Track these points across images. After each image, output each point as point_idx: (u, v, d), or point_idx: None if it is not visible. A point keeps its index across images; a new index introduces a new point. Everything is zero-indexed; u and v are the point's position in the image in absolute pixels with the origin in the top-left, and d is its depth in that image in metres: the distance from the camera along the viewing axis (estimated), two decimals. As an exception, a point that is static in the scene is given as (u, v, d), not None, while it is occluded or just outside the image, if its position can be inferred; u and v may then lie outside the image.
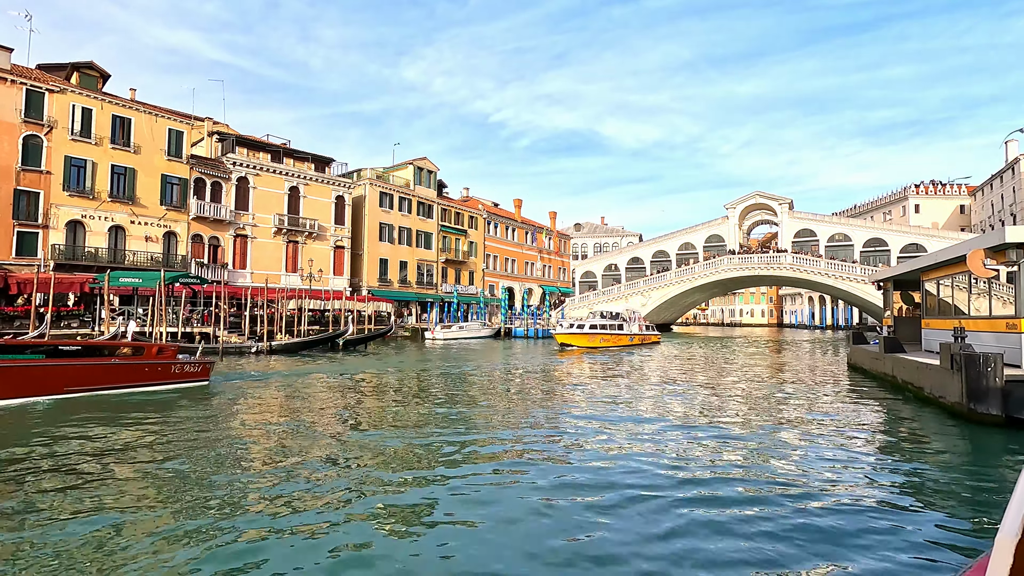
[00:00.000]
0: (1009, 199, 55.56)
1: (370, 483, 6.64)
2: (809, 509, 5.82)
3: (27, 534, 4.92)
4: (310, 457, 7.74)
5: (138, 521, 5.31)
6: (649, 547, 4.90)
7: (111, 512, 5.49)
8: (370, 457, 7.84)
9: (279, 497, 6.05)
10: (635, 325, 38.83)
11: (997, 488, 6.69)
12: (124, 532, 5.03)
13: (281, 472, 7.01)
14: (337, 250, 43.90)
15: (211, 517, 5.39)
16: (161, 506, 5.72)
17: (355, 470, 7.19)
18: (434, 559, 4.69)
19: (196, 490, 6.21)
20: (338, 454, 7.98)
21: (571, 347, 32.22)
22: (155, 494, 6.06)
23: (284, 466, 7.29)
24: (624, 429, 9.95)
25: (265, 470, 7.14)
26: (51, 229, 29.87)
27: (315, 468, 7.19)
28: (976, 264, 11.31)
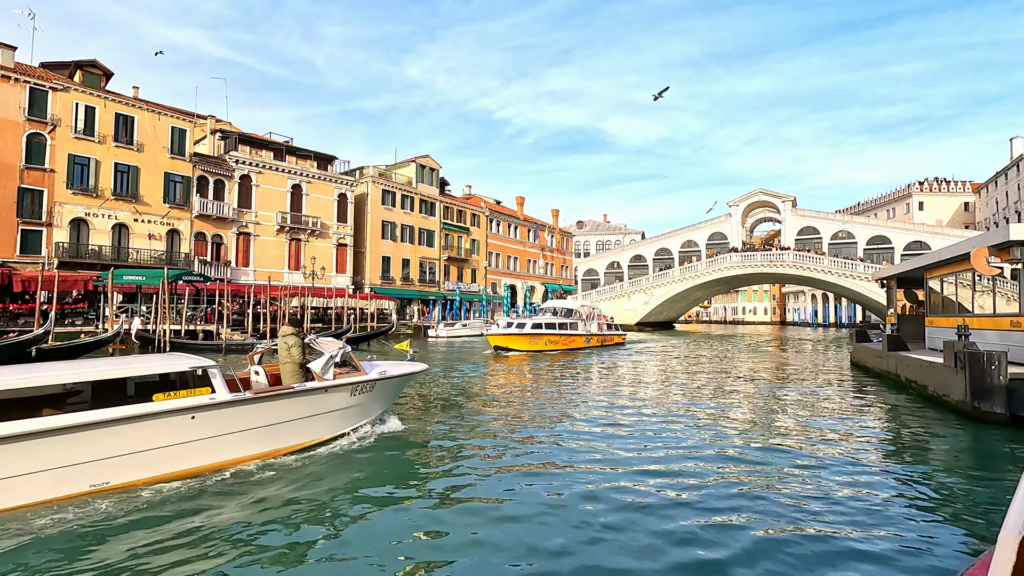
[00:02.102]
0: (1014, 196, 55.30)
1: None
2: (811, 508, 5.81)
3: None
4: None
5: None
6: (648, 547, 4.91)
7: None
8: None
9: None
10: (593, 324, 32.37)
11: (1000, 486, 6.68)
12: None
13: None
14: (340, 248, 43.97)
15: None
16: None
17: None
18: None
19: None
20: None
21: (508, 351, 25.66)
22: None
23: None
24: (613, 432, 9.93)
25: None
26: (55, 227, 29.97)
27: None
28: (980, 262, 11.26)
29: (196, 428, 6.24)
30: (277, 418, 7.01)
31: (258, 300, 32.58)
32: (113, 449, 5.71)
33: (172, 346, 24.36)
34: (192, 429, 6.21)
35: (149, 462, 5.97)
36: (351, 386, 7.84)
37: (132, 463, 5.86)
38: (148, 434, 5.91)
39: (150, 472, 5.98)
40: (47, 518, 5.10)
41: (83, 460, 5.53)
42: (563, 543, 4.88)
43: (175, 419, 6.07)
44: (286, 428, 7.16)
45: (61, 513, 5.22)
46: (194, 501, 5.68)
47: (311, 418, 7.42)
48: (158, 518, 5.25)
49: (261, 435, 6.86)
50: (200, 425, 6.27)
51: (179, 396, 6.18)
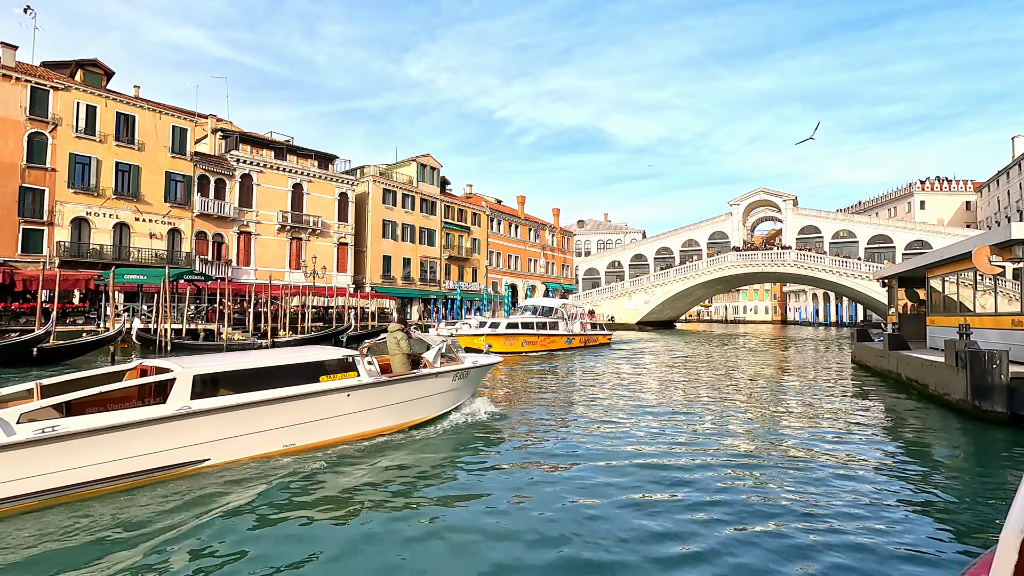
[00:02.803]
0: (1016, 195, 55.23)
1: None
2: (811, 507, 5.81)
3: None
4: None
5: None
6: (646, 547, 4.91)
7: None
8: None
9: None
10: (576, 323, 30.26)
11: (1002, 485, 6.68)
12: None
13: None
14: (340, 247, 43.99)
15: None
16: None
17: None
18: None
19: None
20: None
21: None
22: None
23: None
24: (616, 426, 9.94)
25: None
26: (56, 226, 30.01)
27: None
28: (982, 261, 11.25)
29: (349, 403, 7.75)
30: (404, 397, 8.53)
31: (259, 299, 32.60)
32: (298, 417, 7.20)
33: (173, 346, 24.37)
34: (346, 404, 7.73)
35: (318, 429, 7.44)
36: (454, 372, 9.36)
37: (308, 430, 7.33)
38: (319, 407, 7.41)
39: (317, 438, 7.45)
40: (262, 468, 6.60)
41: (281, 425, 7.06)
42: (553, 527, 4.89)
43: (337, 396, 7.59)
44: (410, 406, 8.66)
45: (269, 465, 6.73)
46: (348, 461, 7.10)
47: (427, 398, 8.94)
48: (326, 474, 6.59)
49: (393, 411, 8.40)
50: (352, 401, 7.79)
51: (336, 378, 7.67)
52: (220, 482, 6.15)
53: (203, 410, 6.36)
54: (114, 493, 5.76)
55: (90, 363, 19.51)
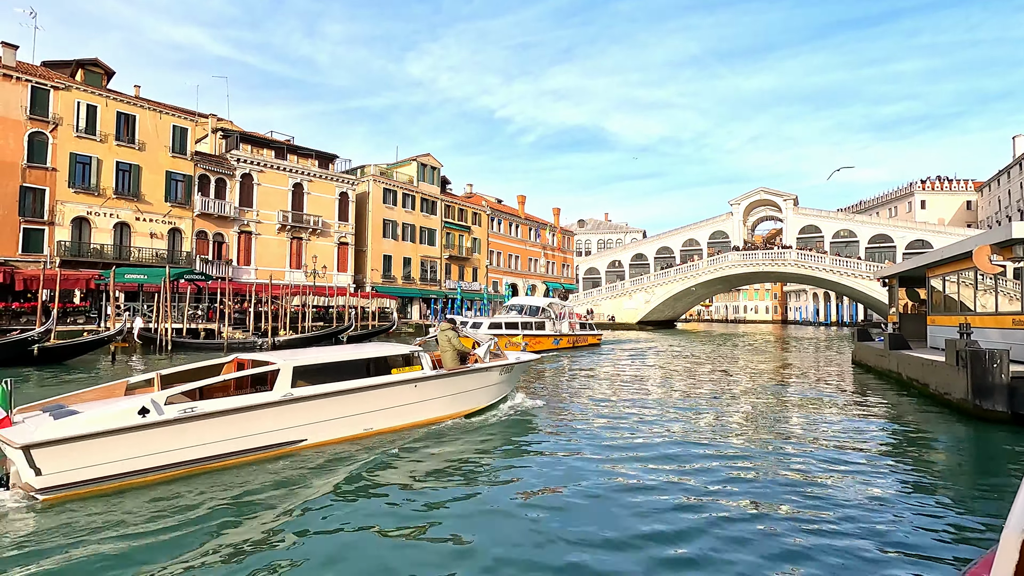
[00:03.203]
0: (1016, 195, 55.19)
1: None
2: (812, 506, 5.81)
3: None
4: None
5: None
6: (646, 546, 4.91)
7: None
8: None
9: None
10: (564, 323, 29.27)
11: (1002, 485, 6.67)
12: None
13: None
14: (341, 246, 44.00)
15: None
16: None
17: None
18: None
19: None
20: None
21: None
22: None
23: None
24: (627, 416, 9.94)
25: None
26: (57, 226, 30.03)
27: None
28: (982, 260, 11.24)
29: (416, 393, 8.67)
30: (460, 388, 9.48)
31: (259, 299, 32.61)
32: (375, 405, 8.11)
33: (174, 345, 24.39)
34: (413, 394, 8.64)
35: (391, 416, 8.36)
36: (501, 367, 10.33)
37: (383, 416, 8.25)
38: (392, 396, 8.35)
39: (390, 423, 8.35)
40: (348, 448, 7.50)
41: (359, 412, 7.93)
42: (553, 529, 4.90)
43: (406, 387, 8.52)
44: (465, 396, 9.62)
45: (353, 446, 7.63)
46: (417, 444, 7.93)
47: (479, 390, 9.95)
48: (400, 455, 7.44)
49: (451, 400, 9.35)
50: (418, 391, 8.70)
51: (404, 371, 8.69)
52: (318, 459, 7.07)
53: (302, 397, 7.26)
54: (235, 467, 6.68)
55: (91, 363, 19.51)
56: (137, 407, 6.07)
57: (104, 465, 5.83)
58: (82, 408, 6.21)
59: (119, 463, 5.91)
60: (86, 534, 4.82)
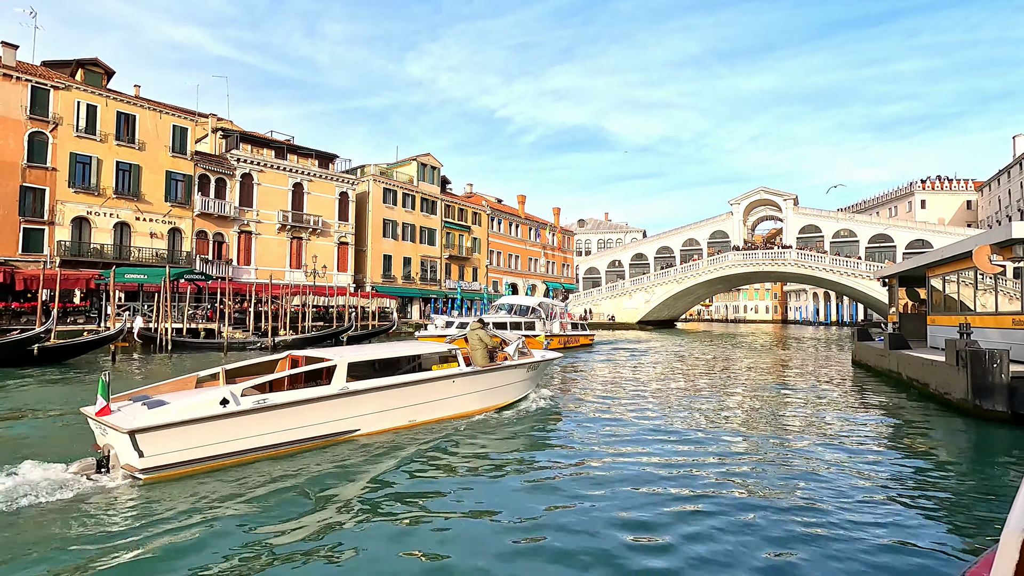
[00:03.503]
0: (1016, 194, 55.18)
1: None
2: (812, 506, 5.81)
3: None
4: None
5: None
6: (645, 546, 4.91)
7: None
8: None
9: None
10: (555, 323, 28.30)
11: (1003, 485, 6.68)
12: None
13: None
14: (341, 246, 44.00)
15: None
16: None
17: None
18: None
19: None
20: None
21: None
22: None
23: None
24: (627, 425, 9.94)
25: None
26: (57, 226, 30.03)
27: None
28: (982, 260, 11.24)
29: (454, 388, 9.37)
30: (493, 384, 10.19)
31: (259, 299, 32.61)
32: (418, 398, 8.80)
33: (174, 345, 24.39)
34: (452, 388, 9.34)
35: (432, 409, 9.05)
36: (528, 365, 11.00)
37: (425, 409, 8.92)
38: (433, 390, 9.03)
39: (431, 415, 9.03)
40: (396, 438, 8.18)
41: (404, 405, 8.60)
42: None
43: (445, 382, 9.22)
44: (497, 391, 10.33)
45: (399, 436, 8.29)
46: (456, 435, 8.62)
47: (509, 385, 10.64)
48: (442, 444, 8.08)
49: (485, 395, 10.07)
50: (456, 386, 9.41)
51: (443, 368, 9.39)
52: (371, 447, 7.72)
53: (356, 390, 7.92)
54: (299, 453, 7.32)
55: (91, 363, 19.51)
56: (219, 398, 6.74)
57: (192, 449, 6.49)
58: (168, 399, 6.86)
59: (204, 448, 6.57)
60: (181, 508, 5.50)
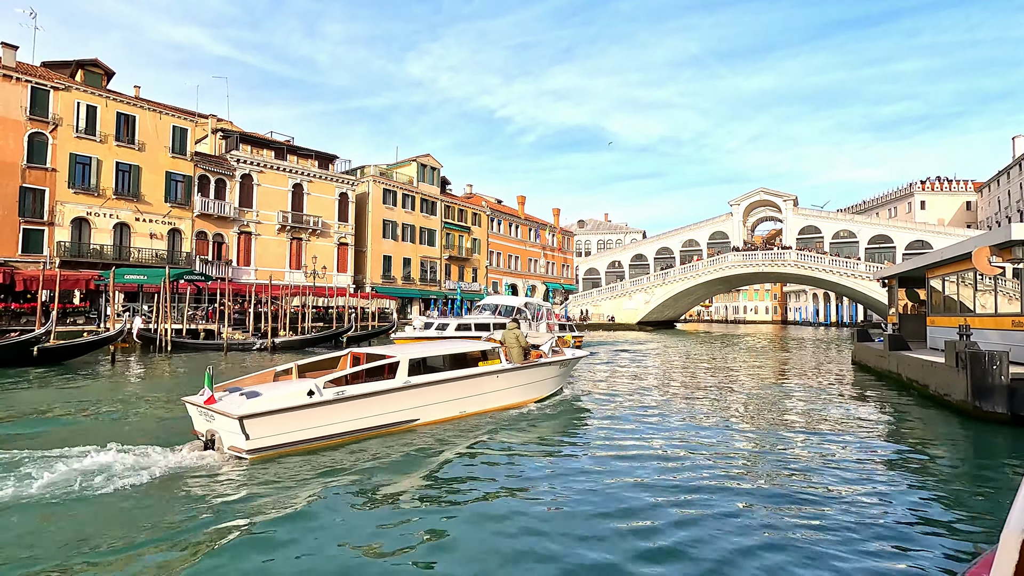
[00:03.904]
0: (1016, 195, 55.21)
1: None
2: (811, 507, 5.82)
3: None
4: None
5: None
6: (644, 547, 4.91)
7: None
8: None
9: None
10: (542, 324, 26.79)
11: (1002, 485, 6.68)
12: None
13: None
14: (341, 247, 43.99)
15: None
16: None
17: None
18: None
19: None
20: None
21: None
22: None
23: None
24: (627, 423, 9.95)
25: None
26: (56, 226, 30.02)
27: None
28: (982, 261, 11.25)
29: (498, 383, 10.23)
30: (531, 379, 11.07)
31: (259, 299, 32.60)
32: (468, 391, 9.65)
33: (173, 346, 24.38)
34: (496, 383, 10.19)
35: (479, 401, 9.88)
36: (561, 362, 11.92)
37: (473, 401, 9.78)
38: (480, 384, 9.88)
39: (478, 407, 9.87)
40: (451, 427, 9.05)
41: (456, 397, 9.43)
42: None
43: (491, 376, 10.07)
44: (534, 386, 11.23)
45: (452, 425, 9.15)
46: (501, 424, 9.53)
47: (544, 381, 11.53)
48: (490, 432, 8.99)
49: (524, 389, 10.93)
50: (499, 381, 10.26)
51: (488, 364, 10.20)
52: (428, 434, 8.55)
53: (417, 384, 8.75)
54: (371, 439, 8.13)
55: (91, 363, 19.50)
56: (306, 390, 7.56)
57: (286, 434, 7.33)
58: (259, 390, 7.64)
59: (295, 432, 7.41)
60: (281, 483, 6.36)
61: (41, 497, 5.59)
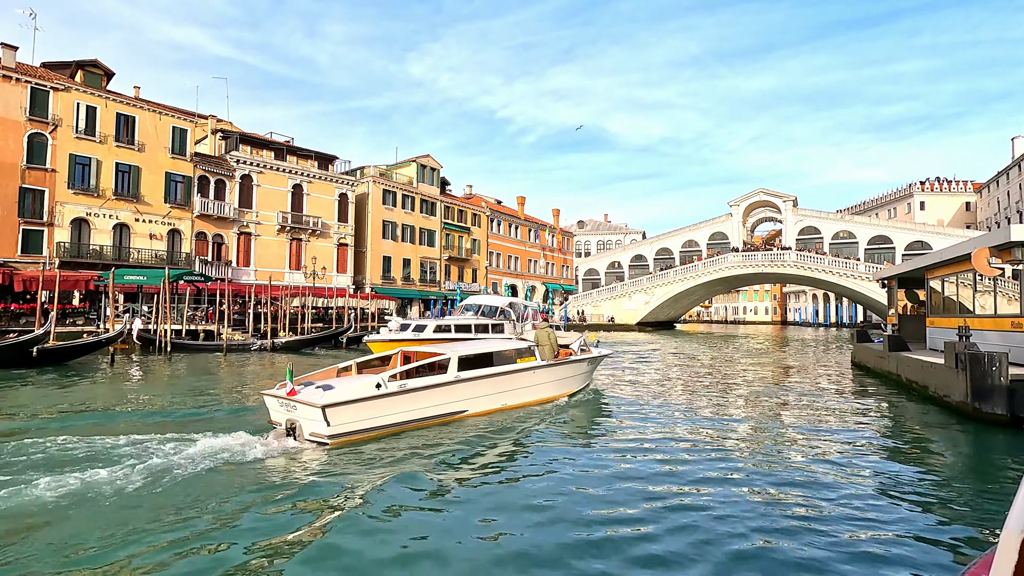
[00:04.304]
0: (1015, 196, 55.25)
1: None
2: (811, 508, 5.82)
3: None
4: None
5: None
6: (643, 548, 4.91)
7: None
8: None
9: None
10: (527, 325, 24.80)
11: (1002, 486, 6.68)
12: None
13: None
14: (340, 247, 43.99)
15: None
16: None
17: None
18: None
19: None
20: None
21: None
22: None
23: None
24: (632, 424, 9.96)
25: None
26: (56, 227, 30.01)
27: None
28: (981, 262, 11.26)
29: (533, 378, 11.12)
30: (562, 376, 11.95)
31: (259, 300, 32.59)
32: (508, 386, 10.54)
33: (173, 346, 24.36)
34: (532, 378, 11.08)
35: (517, 395, 10.77)
36: (589, 359, 12.93)
37: (512, 395, 10.67)
38: (518, 379, 10.76)
39: (515, 401, 10.72)
40: (494, 418, 9.95)
41: (500, 391, 10.40)
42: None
43: (528, 372, 10.97)
44: (567, 381, 12.16)
45: (495, 416, 10.04)
46: (539, 416, 10.46)
47: (574, 377, 12.43)
48: (530, 423, 9.89)
49: (556, 385, 11.82)
50: (535, 376, 11.15)
51: (525, 360, 11.11)
52: (475, 425, 9.43)
53: (466, 378, 9.69)
54: (427, 427, 9.03)
55: (90, 364, 19.49)
56: (374, 383, 8.45)
57: (359, 422, 8.20)
58: (331, 383, 8.58)
59: (366, 420, 8.29)
60: (357, 462, 7.30)
61: (165, 470, 6.53)
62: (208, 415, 10.47)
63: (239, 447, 7.53)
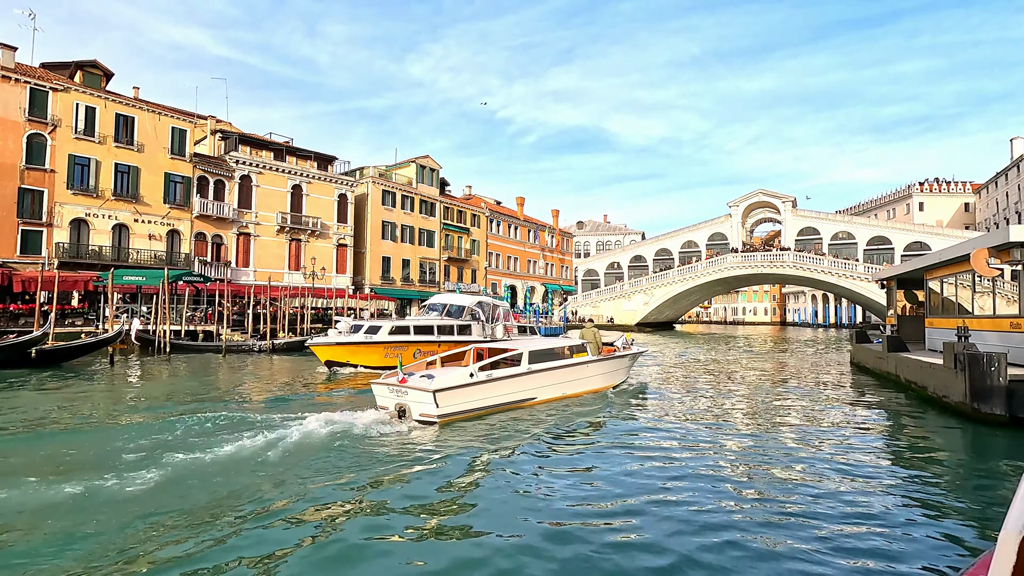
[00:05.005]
0: (1014, 197, 55.33)
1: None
2: (810, 509, 5.82)
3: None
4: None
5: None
6: (643, 548, 4.91)
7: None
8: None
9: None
10: (498, 326, 21.83)
11: (1000, 487, 6.69)
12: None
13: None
14: (340, 248, 43.96)
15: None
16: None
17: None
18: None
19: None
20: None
21: (345, 368, 18.46)
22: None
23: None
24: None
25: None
26: (55, 227, 29.97)
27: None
28: (980, 263, 11.27)
29: (586, 371, 12.78)
30: (609, 370, 13.70)
31: (258, 300, 32.56)
32: (567, 377, 12.15)
33: (172, 347, 24.34)
34: (585, 371, 12.74)
35: (573, 385, 12.39)
36: (630, 355, 14.84)
37: (570, 385, 12.26)
38: (575, 372, 12.40)
39: (573, 390, 12.35)
40: (558, 405, 11.57)
41: (561, 381, 11.99)
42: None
43: (582, 366, 12.62)
44: (613, 374, 13.94)
45: (558, 404, 11.62)
46: (590, 404, 12.01)
47: (617, 371, 14.21)
48: (586, 409, 11.43)
49: (604, 377, 13.52)
50: (587, 370, 12.81)
51: (579, 356, 12.78)
52: (544, 410, 10.99)
53: (535, 370, 11.30)
54: (506, 411, 10.58)
55: (89, 364, 19.47)
56: (468, 372, 10.19)
57: (458, 404, 9.83)
58: (432, 373, 10.18)
59: (463, 404, 9.92)
60: (461, 437, 8.81)
61: (303, 437, 8.25)
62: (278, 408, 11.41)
63: (358, 424, 9.07)
